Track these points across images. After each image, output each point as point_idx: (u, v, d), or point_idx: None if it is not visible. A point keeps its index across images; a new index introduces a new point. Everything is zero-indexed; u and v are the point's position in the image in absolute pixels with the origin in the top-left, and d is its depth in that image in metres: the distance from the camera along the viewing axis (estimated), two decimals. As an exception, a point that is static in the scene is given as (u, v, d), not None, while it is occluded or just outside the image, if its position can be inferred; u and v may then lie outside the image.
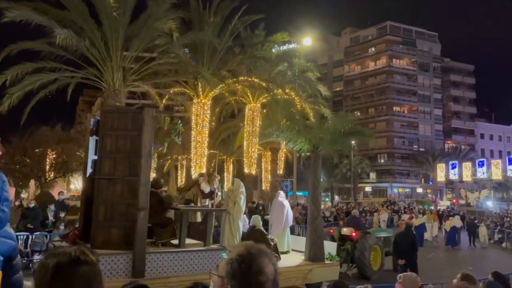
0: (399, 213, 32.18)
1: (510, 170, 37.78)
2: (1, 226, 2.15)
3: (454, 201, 53.35)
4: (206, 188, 9.78)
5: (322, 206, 18.10)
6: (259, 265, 1.46)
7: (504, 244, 21.23)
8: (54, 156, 26.82)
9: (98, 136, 7.95)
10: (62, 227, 13.79)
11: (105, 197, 7.52)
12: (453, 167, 42.24)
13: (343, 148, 16.17)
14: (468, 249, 20.82)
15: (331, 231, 13.03)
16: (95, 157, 8.01)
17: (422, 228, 21.05)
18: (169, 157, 32.30)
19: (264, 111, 25.16)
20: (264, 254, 1.51)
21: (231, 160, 31.32)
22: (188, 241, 8.26)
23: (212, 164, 32.33)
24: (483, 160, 42.02)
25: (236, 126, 26.63)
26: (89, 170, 8.09)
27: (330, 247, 10.18)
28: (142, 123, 7.38)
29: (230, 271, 1.46)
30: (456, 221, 21.42)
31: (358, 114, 66.13)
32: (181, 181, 32.39)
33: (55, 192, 19.12)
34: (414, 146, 60.90)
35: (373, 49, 66.32)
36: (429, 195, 57.27)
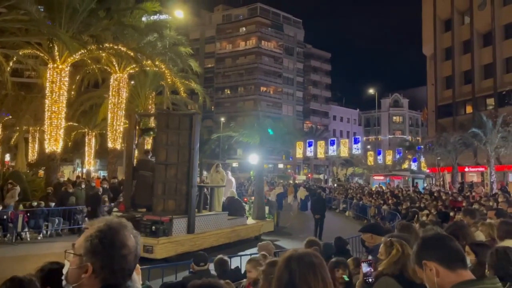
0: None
1: (355, 148, 43.43)
2: None
3: (310, 175, 59.29)
4: None
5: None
6: (122, 239, 1.42)
7: (347, 213, 24.40)
8: None
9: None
10: None
11: (162, 178, 10.39)
12: (310, 145, 46.42)
13: (282, 144, 21.17)
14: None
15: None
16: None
17: (282, 196, 24.85)
18: (18, 128, 28.49)
19: (132, 82, 23.83)
20: (125, 227, 1.46)
21: (93, 133, 29.16)
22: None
23: (72, 138, 29.66)
24: (334, 139, 47.21)
25: (100, 96, 24.72)
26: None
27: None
28: (191, 125, 10.66)
29: (90, 248, 1.37)
30: (302, 192, 25.35)
31: (228, 92, 67.65)
32: (32, 155, 28.95)
33: None
34: (278, 125, 65.07)
35: (244, 29, 68.03)
36: (289, 170, 62.41)
